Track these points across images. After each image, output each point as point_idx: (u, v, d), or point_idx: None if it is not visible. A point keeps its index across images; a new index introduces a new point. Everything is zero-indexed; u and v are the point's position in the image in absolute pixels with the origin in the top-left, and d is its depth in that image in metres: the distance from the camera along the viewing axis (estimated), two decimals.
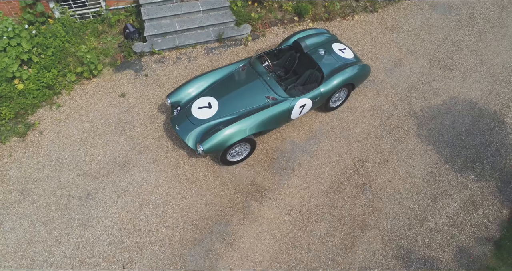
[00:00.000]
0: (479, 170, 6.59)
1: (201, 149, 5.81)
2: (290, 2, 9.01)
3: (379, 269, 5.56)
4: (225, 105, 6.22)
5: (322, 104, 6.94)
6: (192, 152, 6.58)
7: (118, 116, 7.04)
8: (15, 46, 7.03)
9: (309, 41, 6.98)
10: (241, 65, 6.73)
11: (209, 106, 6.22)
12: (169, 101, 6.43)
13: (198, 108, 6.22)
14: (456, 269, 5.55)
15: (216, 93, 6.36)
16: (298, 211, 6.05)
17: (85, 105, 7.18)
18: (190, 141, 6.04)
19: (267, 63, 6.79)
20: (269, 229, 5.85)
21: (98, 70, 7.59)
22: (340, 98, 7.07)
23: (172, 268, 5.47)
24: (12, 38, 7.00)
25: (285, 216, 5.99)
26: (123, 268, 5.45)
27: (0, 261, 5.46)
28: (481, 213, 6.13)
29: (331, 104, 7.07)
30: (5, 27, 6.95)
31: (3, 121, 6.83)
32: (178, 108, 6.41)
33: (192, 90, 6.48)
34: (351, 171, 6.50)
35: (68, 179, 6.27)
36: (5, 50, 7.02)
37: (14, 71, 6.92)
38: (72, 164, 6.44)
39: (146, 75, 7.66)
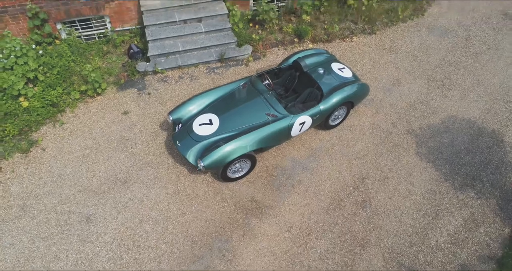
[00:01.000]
0: (480, 188, 6.59)
1: (202, 164, 5.85)
2: (290, 25, 9.26)
3: None
4: (225, 122, 6.31)
5: (322, 122, 7.03)
6: (193, 169, 6.62)
7: (120, 133, 7.12)
8: (21, 64, 7.21)
9: (308, 61, 7.14)
10: (241, 83, 6.87)
11: (210, 123, 6.31)
12: (171, 118, 6.53)
13: (199, 125, 6.31)
14: None
15: (217, 110, 6.47)
16: (298, 227, 6.03)
17: (88, 122, 7.28)
18: (191, 157, 6.10)
19: (267, 81, 6.93)
20: (269, 246, 5.82)
21: (102, 89, 7.74)
22: (340, 116, 7.16)
23: None
24: (20, 57, 7.19)
25: (285, 233, 5.97)
26: None
27: None
28: (482, 231, 6.10)
29: (331, 122, 7.16)
30: (13, 46, 7.14)
31: (7, 138, 6.92)
32: (180, 125, 6.50)
33: (193, 107, 6.59)
34: (351, 188, 6.51)
35: (69, 195, 6.29)
36: (11, 68, 7.19)
37: (20, 89, 7.06)
38: (74, 180, 6.48)
39: (149, 93, 7.80)
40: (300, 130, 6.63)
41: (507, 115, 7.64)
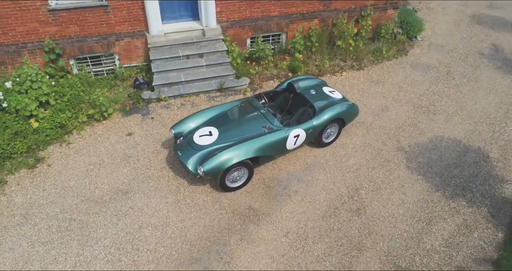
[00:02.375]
0: (470, 197, 6.81)
1: (202, 170, 6.14)
2: (284, 62, 10.06)
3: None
4: (224, 133, 6.71)
5: (316, 140, 7.42)
6: (193, 180, 6.87)
7: (124, 151, 7.47)
8: (35, 89, 7.77)
9: (301, 84, 7.75)
10: (240, 103, 7.39)
11: (210, 134, 6.71)
12: (173, 131, 6.94)
13: (200, 136, 6.70)
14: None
15: (216, 124, 6.91)
16: (295, 233, 6.14)
17: (94, 142, 7.66)
18: (190, 164, 6.40)
19: (263, 101, 7.45)
20: (266, 250, 5.89)
21: (108, 113, 8.23)
22: (332, 133, 7.57)
23: None
24: (34, 81, 7.77)
25: (282, 238, 6.06)
26: None
27: None
28: (476, 236, 6.20)
29: (324, 140, 7.55)
30: (29, 72, 7.74)
31: (15, 155, 7.24)
32: (181, 138, 6.89)
33: (194, 122, 7.03)
34: (345, 197, 6.72)
35: (72, 204, 6.47)
36: (26, 92, 7.74)
37: (32, 109, 7.53)
38: (77, 191, 6.69)
39: (152, 118, 8.28)
40: (295, 144, 7.00)
41: (491, 135, 8.07)
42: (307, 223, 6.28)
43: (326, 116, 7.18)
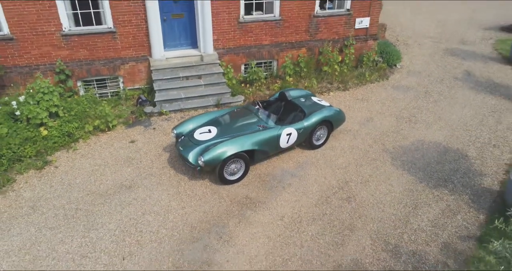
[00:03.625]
0: (452, 187, 7.30)
1: (202, 160, 6.65)
2: (276, 84, 10.94)
3: (370, 262, 5.78)
4: (222, 131, 7.32)
5: (307, 142, 8.02)
6: (193, 176, 7.32)
7: (127, 155, 7.97)
8: (47, 100, 8.42)
9: (292, 93, 8.53)
10: (236, 108, 8.08)
11: (209, 131, 7.30)
12: (175, 131, 7.52)
13: (199, 133, 7.29)
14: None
15: (215, 124, 7.54)
16: (290, 217, 6.51)
17: (99, 148, 8.18)
18: (191, 157, 6.92)
19: (258, 106, 8.15)
20: (263, 231, 6.22)
21: (113, 125, 8.83)
22: (322, 136, 8.19)
23: (170, 259, 5.66)
24: (46, 94, 8.44)
25: (278, 221, 6.42)
26: (123, 259, 5.64)
27: (3, 257, 5.65)
28: (460, 218, 6.62)
29: (315, 142, 8.16)
30: (42, 86, 8.44)
31: (25, 158, 7.69)
32: (182, 137, 7.45)
33: (194, 124, 7.65)
34: (336, 188, 7.18)
35: (78, 197, 6.84)
36: (38, 103, 8.37)
37: (43, 118, 8.12)
38: (82, 187, 7.09)
39: (154, 128, 8.89)
40: (287, 142, 7.58)
41: (468, 139, 8.75)
42: (301, 209, 6.67)
43: (315, 118, 7.85)
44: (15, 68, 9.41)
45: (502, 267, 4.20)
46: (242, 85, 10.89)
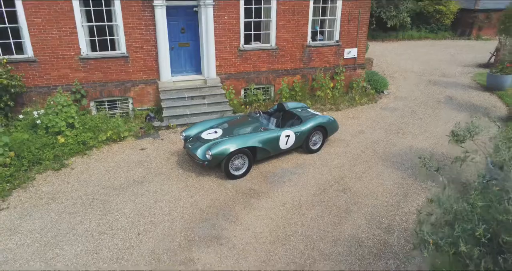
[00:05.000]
0: (440, 182, 7.94)
1: (210, 153, 7.34)
2: (273, 105, 11.86)
3: (366, 236, 6.28)
4: (227, 132, 8.07)
5: (304, 146, 8.76)
6: (200, 173, 7.94)
7: (138, 159, 8.63)
8: (65, 112, 9.21)
9: (289, 104, 9.43)
10: (238, 116, 8.91)
11: (215, 132, 8.05)
12: (183, 134, 8.26)
13: (207, 134, 8.03)
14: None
15: (220, 126, 8.32)
16: (291, 204, 7.07)
17: (111, 155, 8.84)
18: (199, 153, 7.60)
19: (259, 114, 8.98)
20: (266, 214, 6.76)
21: (124, 136, 9.55)
22: (318, 141, 8.95)
23: (182, 234, 6.14)
24: (65, 106, 9.25)
25: (280, 207, 6.97)
26: (138, 235, 6.11)
27: (27, 235, 6.10)
28: None
29: (312, 147, 8.89)
30: (62, 99, 9.27)
31: (43, 161, 8.31)
32: (190, 138, 8.18)
33: (201, 128, 8.43)
34: (332, 182, 7.80)
35: (93, 191, 7.39)
36: (57, 114, 9.15)
37: (61, 126, 8.86)
38: (97, 182, 7.66)
39: (162, 139, 9.62)
40: (286, 143, 8.32)
41: (452, 146, 9.51)
42: (300, 198, 7.25)
43: (310, 123, 8.67)
44: (35, 88, 10.29)
45: None
46: (242, 106, 11.79)
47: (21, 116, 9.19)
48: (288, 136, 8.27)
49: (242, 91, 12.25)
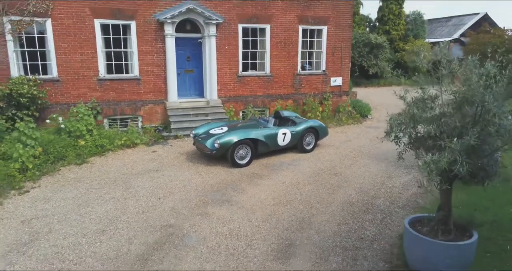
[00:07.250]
0: (418, 169, 9.09)
1: (218, 142, 8.50)
2: None
3: (356, 201, 7.28)
4: (232, 129, 9.29)
5: (299, 146, 9.96)
6: (209, 163, 8.99)
7: (151, 157, 9.68)
8: (85, 120, 10.38)
9: (285, 112, 10.77)
10: (241, 121, 10.19)
11: (221, 129, 9.27)
12: (193, 132, 9.44)
13: (215, 130, 9.24)
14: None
15: (226, 125, 9.54)
16: (289, 182, 8.09)
17: (127, 155, 9.89)
18: (209, 144, 8.74)
19: (258, 118, 10.27)
20: (268, 188, 7.75)
21: (136, 143, 10.66)
22: (311, 141, 10.17)
23: (197, 199, 7.08)
24: (86, 115, 10.44)
25: (280, 184, 7.99)
26: (159, 199, 7.04)
27: (61, 202, 6.98)
28: (425, 184, 8.29)
29: (306, 146, 10.09)
30: (82, 109, 10.49)
31: (67, 157, 9.31)
32: (200, 135, 9.35)
33: (209, 127, 9.64)
34: (325, 169, 8.89)
35: (115, 176, 8.35)
36: (78, 121, 10.31)
37: (82, 130, 9.98)
38: (116, 171, 8.64)
39: (171, 145, 10.74)
40: (283, 140, 9.52)
41: None
42: (298, 179, 8.29)
43: (303, 125, 9.96)
44: (56, 105, 11.51)
45: None
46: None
47: (48, 121, 10.28)
48: (285, 134, 9.49)
49: (241, 113, 13.60)
